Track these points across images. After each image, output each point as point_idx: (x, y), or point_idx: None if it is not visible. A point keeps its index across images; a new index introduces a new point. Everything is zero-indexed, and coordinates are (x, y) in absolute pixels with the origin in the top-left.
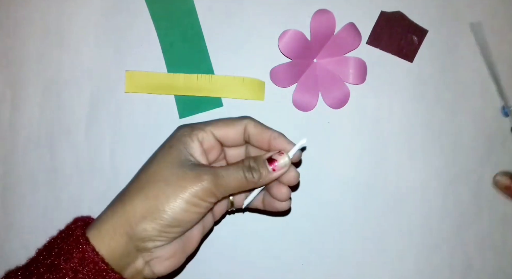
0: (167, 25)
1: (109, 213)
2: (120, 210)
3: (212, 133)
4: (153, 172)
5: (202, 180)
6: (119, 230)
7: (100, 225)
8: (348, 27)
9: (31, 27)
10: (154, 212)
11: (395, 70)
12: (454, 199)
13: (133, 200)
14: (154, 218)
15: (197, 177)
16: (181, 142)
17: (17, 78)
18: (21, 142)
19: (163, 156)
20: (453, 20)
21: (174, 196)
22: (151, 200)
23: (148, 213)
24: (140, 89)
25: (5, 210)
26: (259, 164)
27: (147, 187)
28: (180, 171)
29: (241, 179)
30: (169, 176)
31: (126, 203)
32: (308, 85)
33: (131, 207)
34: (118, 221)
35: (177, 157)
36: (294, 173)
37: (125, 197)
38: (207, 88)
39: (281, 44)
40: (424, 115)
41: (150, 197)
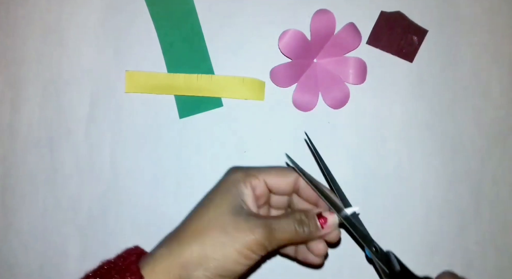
0: (167, 25)
1: (165, 252)
2: (176, 252)
3: (264, 181)
4: (210, 218)
5: (255, 233)
6: (173, 272)
7: (155, 262)
8: (348, 27)
9: (31, 27)
10: (209, 261)
11: (395, 70)
12: (454, 199)
13: (191, 245)
14: (208, 267)
15: (251, 230)
16: (235, 187)
17: (17, 78)
18: (21, 142)
19: (220, 201)
20: (453, 20)
21: (230, 247)
22: (207, 249)
23: (203, 260)
24: (140, 89)
25: (5, 210)
26: (310, 219)
27: (205, 233)
28: (235, 220)
29: (292, 233)
30: (225, 225)
31: (183, 247)
32: (308, 85)
33: (189, 252)
34: (174, 263)
35: (233, 204)
36: (338, 232)
37: (183, 240)
38: (207, 88)
39: (281, 44)
40: (424, 115)
41: (207, 244)
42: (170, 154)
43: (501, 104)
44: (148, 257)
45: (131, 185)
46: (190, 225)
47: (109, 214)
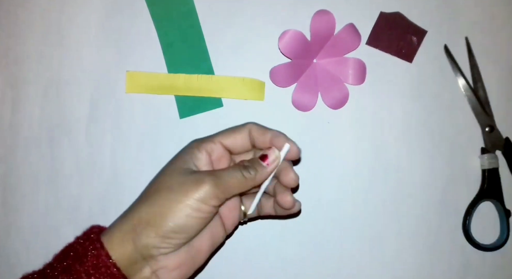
0: (167, 26)
1: (119, 221)
2: (128, 218)
3: (220, 142)
4: (158, 181)
5: (202, 183)
6: (126, 237)
7: (111, 232)
8: (347, 27)
9: (31, 27)
10: (157, 219)
11: (394, 70)
12: (454, 199)
13: (139, 208)
14: (157, 225)
15: (197, 181)
16: (187, 153)
17: (17, 78)
18: (22, 142)
19: (169, 166)
20: (452, 20)
21: (176, 202)
22: (155, 207)
23: (151, 220)
24: (141, 90)
25: (5, 210)
26: (254, 162)
27: (153, 195)
28: (181, 178)
29: (240, 177)
30: (172, 184)
31: (133, 211)
32: (307, 85)
33: (137, 214)
34: (125, 228)
35: (181, 167)
36: (293, 175)
37: (133, 206)
38: (207, 88)
39: (281, 44)
40: (423, 115)
41: (154, 204)
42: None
43: (501, 104)
44: (108, 228)
45: (131, 185)
46: (142, 193)
47: (109, 214)
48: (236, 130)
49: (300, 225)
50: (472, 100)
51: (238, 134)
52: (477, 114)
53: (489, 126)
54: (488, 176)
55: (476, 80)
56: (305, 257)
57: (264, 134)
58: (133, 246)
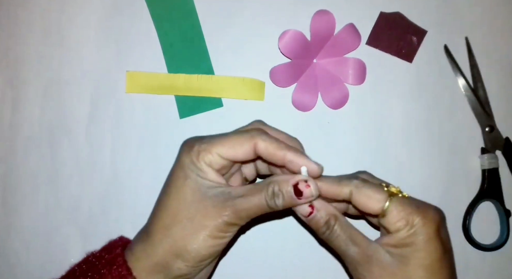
0: (167, 26)
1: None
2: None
3: (218, 155)
4: (176, 209)
5: (223, 216)
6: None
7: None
8: (347, 28)
9: (31, 28)
10: (184, 253)
11: (394, 70)
12: (454, 199)
13: (162, 243)
14: (186, 259)
15: (219, 214)
16: (192, 170)
17: (17, 78)
18: (22, 142)
19: (183, 188)
20: (452, 20)
21: (200, 235)
22: (179, 242)
23: (179, 254)
24: (141, 90)
25: (5, 210)
26: (284, 192)
27: (173, 227)
28: (201, 206)
29: (263, 207)
30: (191, 214)
31: (156, 247)
32: (307, 85)
33: (161, 250)
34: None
35: (195, 189)
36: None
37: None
38: (207, 88)
39: (281, 44)
40: (423, 115)
41: (178, 239)
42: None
43: (501, 104)
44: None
45: (131, 185)
46: (158, 220)
47: (109, 214)
48: (237, 143)
49: (299, 225)
50: (472, 100)
51: (240, 148)
52: (477, 114)
53: (489, 126)
54: (488, 176)
55: (476, 80)
56: (304, 257)
57: (275, 154)
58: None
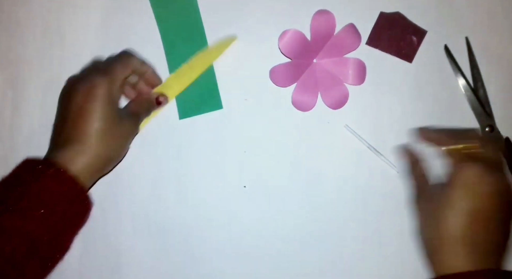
0: (170, 25)
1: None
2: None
3: (119, 79)
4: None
5: (132, 129)
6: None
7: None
8: (348, 28)
9: (32, 28)
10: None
11: (394, 70)
12: None
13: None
14: (112, 164)
15: (130, 127)
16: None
17: (18, 79)
18: (22, 142)
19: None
20: (452, 20)
21: (123, 144)
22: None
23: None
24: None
25: None
26: (152, 103)
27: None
28: (117, 127)
29: (146, 113)
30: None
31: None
32: (307, 85)
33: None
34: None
35: (110, 109)
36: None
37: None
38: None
39: (281, 44)
40: (423, 115)
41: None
42: (170, 155)
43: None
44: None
45: (131, 185)
46: (87, 140)
47: (109, 214)
48: (125, 64)
49: (300, 225)
50: (472, 100)
51: (127, 69)
52: (477, 114)
53: (489, 126)
54: None
55: (476, 80)
56: (304, 257)
57: (143, 68)
58: (95, 177)
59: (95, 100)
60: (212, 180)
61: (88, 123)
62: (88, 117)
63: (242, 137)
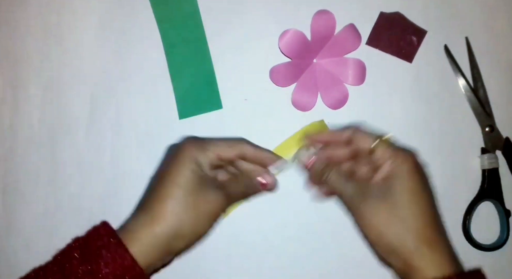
0: (171, 26)
1: (140, 234)
2: (152, 231)
3: (214, 153)
4: (177, 194)
5: (217, 203)
6: (157, 248)
7: (136, 241)
8: (348, 28)
9: (32, 28)
10: (185, 233)
11: (394, 70)
12: (454, 199)
13: (167, 224)
14: (185, 238)
15: (216, 197)
16: (191, 162)
17: (18, 79)
18: (22, 142)
19: (183, 175)
20: (452, 20)
21: (201, 216)
22: (183, 223)
23: (179, 234)
24: None
25: (5, 209)
26: (253, 183)
27: (177, 210)
28: (201, 192)
29: (242, 194)
30: (193, 199)
31: (160, 226)
32: (307, 85)
33: (166, 229)
34: (152, 240)
35: (195, 175)
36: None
37: (158, 220)
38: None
39: (282, 43)
40: (423, 115)
41: (181, 220)
42: None
43: (501, 104)
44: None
45: (131, 185)
46: (161, 204)
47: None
48: (230, 143)
49: (300, 225)
50: (472, 100)
51: (232, 151)
52: (477, 114)
53: (489, 126)
54: (488, 176)
55: (476, 80)
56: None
57: (256, 155)
58: (162, 253)
59: (177, 163)
60: None
61: (162, 186)
62: (164, 180)
63: (241, 137)
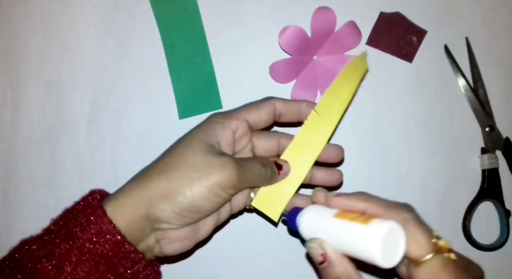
0: (171, 26)
1: (131, 188)
2: (142, 187)
3: (245, 120)
4: (179, 155)
5: (227, 170)
6: (138, 207)
7: (120, 198)
8: (348, 25)
9: (32, 28)
10: (176, 195)
11: (394, 70)
12: (454, 199)
13: (159, 179)
14: (175, 201)
15: (223, 166)
16: (212, 128)
17: (18, 79)
18: (22, 142)
19: (191, 140)
20: (452, 20)
21: (198, 182)
22: (176, 182)
23: (170, 194)
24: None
25: (5, 210)
26: (269, 164)
27: (173, 168)
28: (206, 157)
29: (258, 173)
30: (196, 161)
31: (150, 181)
32: (307, 82)
33: (157, 184)
34: (139, 197)
35: (205, 142)
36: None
37: (149, 175)
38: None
39: (282, 40)
40: (423, 115)
41: (175, 179)
42: None
43: (501, 104)
44: (114, 194)
45: None
46: (159, 162)
47: None
48: (259, 106)
49: None
50: (472, 100)
51: (264, 111)
52: (477, 114)
53: (489, 126)
54: (488, 176)
55: (476, 80)
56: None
57: (294, 105)
58: (144, 216)
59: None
60: None
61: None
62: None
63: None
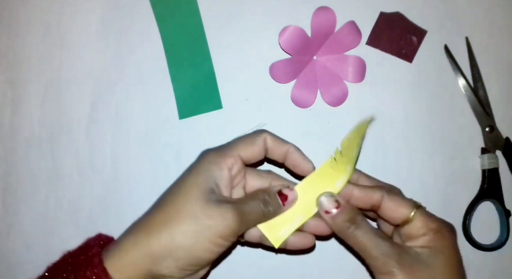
0: (171, 26)
1: (132, 243)
2: (144, 243)
3: (240, 156)
4: (179, 206)
5: (228, 219)
6: (140, 264)
7: (121, 254)
8: (348, 25)
9: (32, 28)
10: (179, 250)
11: (394, 70)
12: (454, 199)
13: (160, 234)
14: (178, 257)
15: (223, 215)
16: (206, 170)
17: (18, 78)
18: (22, 142)
19: (190, 187)
20: (452, 20)
21: (201, 236)
22: (178, 238)
23: (173, 251)
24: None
25: (6, 210)
26: (273, 199)
27: (174, 222)
28: (207, 207)
29: (260, 213)
30: (197, 213)
31: (151, 236)
32: (307, 82)
33: (157, 241)
34: (141, 253)
35: (204, 190)
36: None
37: (150, 229)
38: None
39: (282, 40)
40: (423, 115)
41: (177, 234)
42: (170, 155)
43: (501, 104)
44: (113, 247)
45: (131, 185)
46: (158, 213)
47: (109, 214)
48: (252, 142)
49: None
50: (472, 100)
51: (256, 147)
52: (477, 114)
53: (489, 126)
54: (488, 176)
55: (476, 80)
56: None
57: (280, 147)
58: (147, 273)
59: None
60: None
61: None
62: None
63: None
